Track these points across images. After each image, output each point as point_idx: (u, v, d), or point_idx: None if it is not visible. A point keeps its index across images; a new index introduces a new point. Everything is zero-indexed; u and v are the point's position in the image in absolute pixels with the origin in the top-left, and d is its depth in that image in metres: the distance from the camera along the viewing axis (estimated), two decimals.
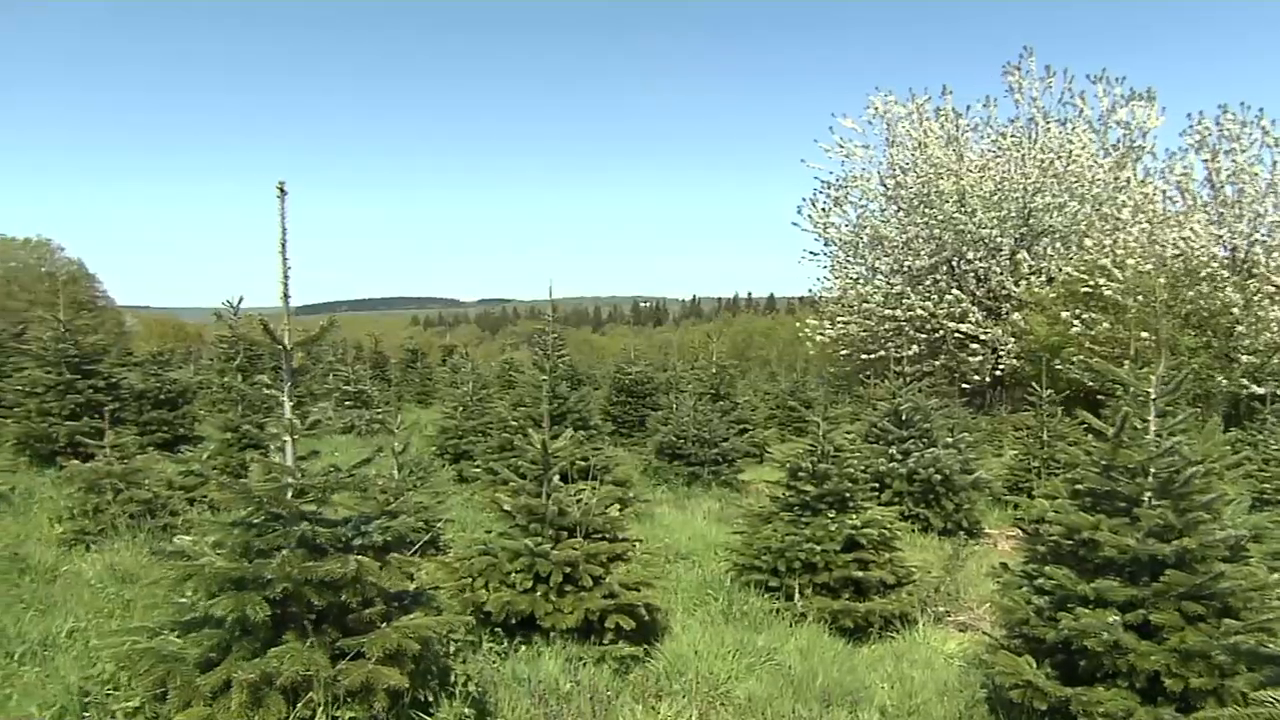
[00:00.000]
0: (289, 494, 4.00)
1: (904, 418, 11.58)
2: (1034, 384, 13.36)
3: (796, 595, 6.97)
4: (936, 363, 24.81)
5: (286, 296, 3.92)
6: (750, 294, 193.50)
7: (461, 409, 13.25)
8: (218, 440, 9.90)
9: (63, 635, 4.70)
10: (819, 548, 6.99)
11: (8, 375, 13.04)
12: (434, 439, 13.31)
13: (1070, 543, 4.78)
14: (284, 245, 3.87)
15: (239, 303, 17.63)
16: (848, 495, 7.39)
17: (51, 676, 4.06)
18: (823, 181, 27.23)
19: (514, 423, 10.51)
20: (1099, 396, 12.53)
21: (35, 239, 56.47)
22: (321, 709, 3.57)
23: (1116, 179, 23.68)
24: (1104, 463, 4.83)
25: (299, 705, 3.62)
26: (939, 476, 10.67)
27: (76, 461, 8.43)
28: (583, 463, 9.12)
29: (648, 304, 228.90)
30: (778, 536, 7.24)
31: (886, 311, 25.04)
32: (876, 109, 26.02)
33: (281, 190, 3.82)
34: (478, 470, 11.02)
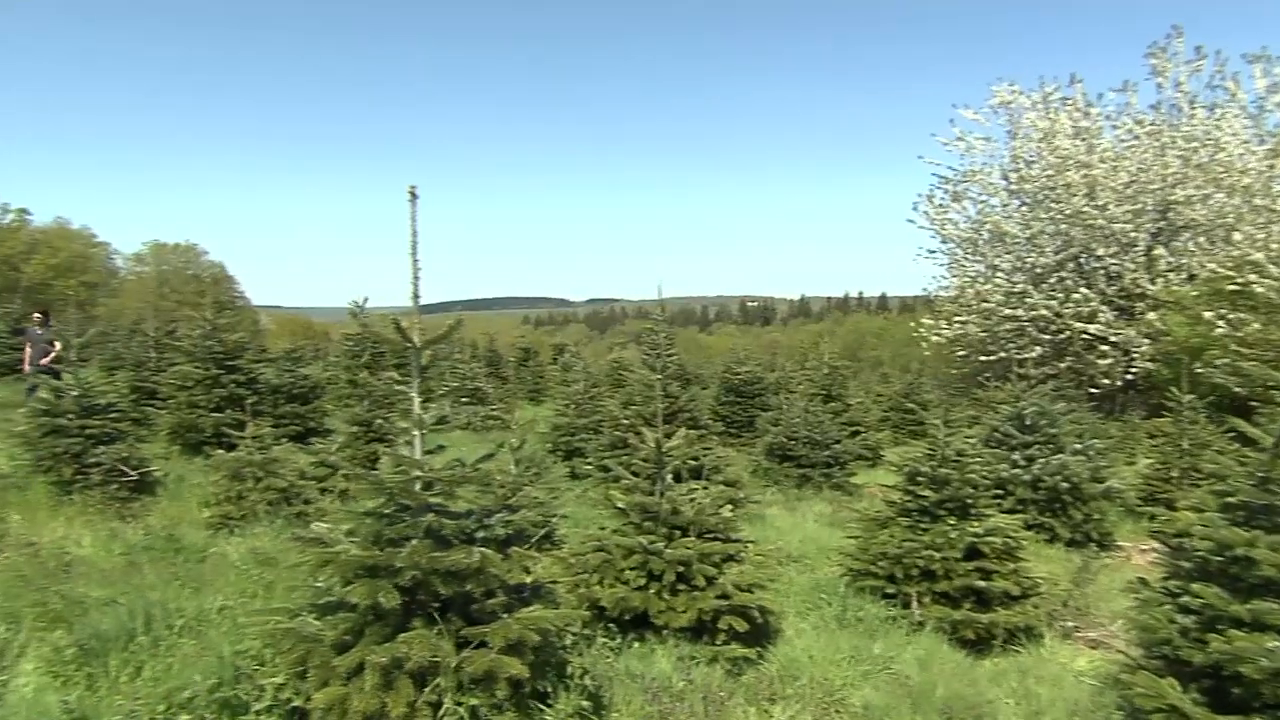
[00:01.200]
0: (417, 486, 4.17)
1: (1028, 422, 11.08)
2: (1171, 388, 12.52)
3: (914, 603, 6.76)
4: (1061, 365, 23.53)
5: (416, 297, 4.08)
6: (861, 293, 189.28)
7: (573, 407, 13.49)
8: (346, 433, 10.40)
9: (214, 612, 5.05)
10: (938, 555, 6.77)
11: (163, 370, 14.15)
12: (547, 436, 13.60)
13: (1220, 559, 4.45)
14: (414, 247, 4.03)
15: (364, 302, 18.52)
16: (969, 502, 7.13)
17: (207, 649, 4.36)
18: (940, 176, 26.34)
19: (625, 421, 10.63)
20: (1250, 403, 11.62)
21: (183, 244, 61.10)
22: (449, 694, 3.70)
23: (1271, 167, 21.86)
24: (1261, 474, 4.48)
25: (426, 690, 3.78)
26: (1066, 484, 10.15)
27: (222, 451, 9.04)
28: (693, 462, 9.12)
29: (755, 304, 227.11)
30: (894, 542, 7.06)
31: (1007, 311, 23.97)
32: (1000, 99, 24.95)
33: (412, 195, 3.98)
34: (590, 467, 11.20)
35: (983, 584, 6.67)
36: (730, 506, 6.57)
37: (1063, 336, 23.40)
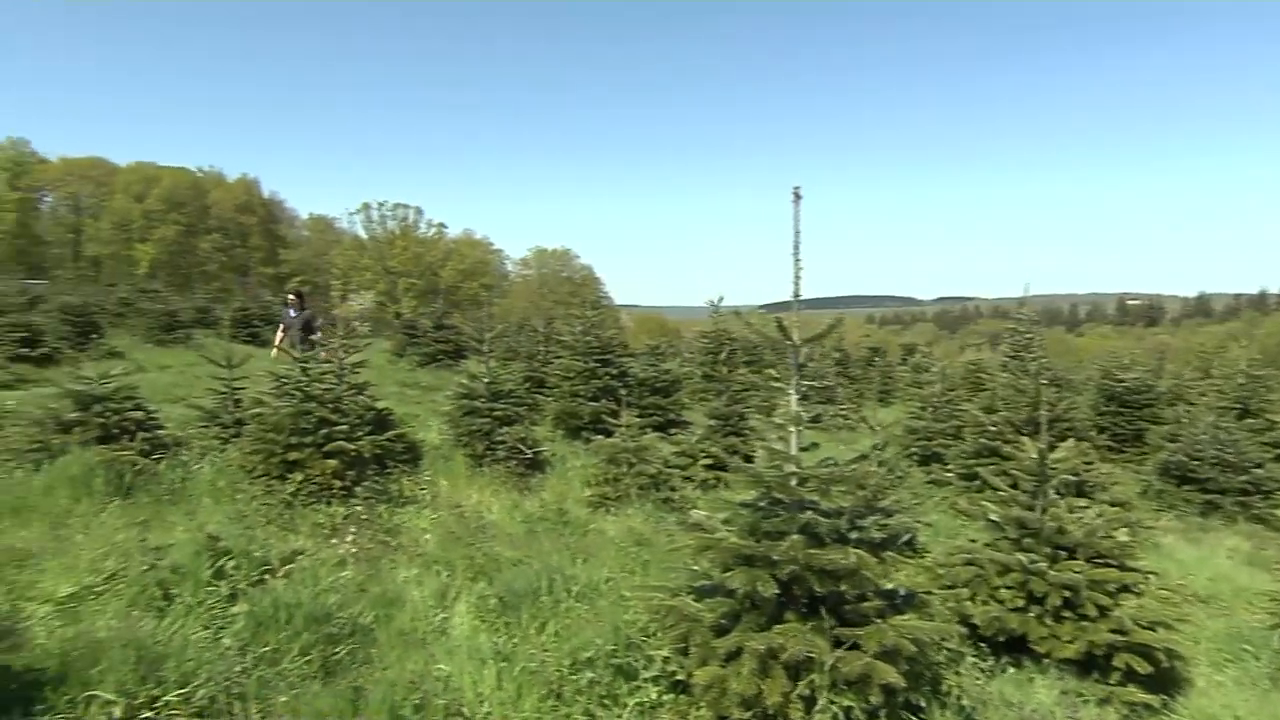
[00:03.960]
0: (793, 482, 4.25)
1: None
2: None
3: None
4: None
5: (798, 295, 4.15)
6: None
7: (929, 410, 12.85)
8: (704, 426, 10.94)
9: (602, 582, 5.60)
10: None
11: (550, 362, 16.02)
12: (901, 439, 13.11)
13: None
14: (797, 247, 4.11)
15: (720, 301, 19.36)
16: None
17: (598, 616, 4.85)
18: None
19: (992, 428, 9.88)
20: None
21: (559, 249, 68.79)
22: (823, 692, 3.73)
23: None
24: None
25: (800, 683, 3.83)
26: None
27: (599, 437, 10.00)
28: (1073, 477, 8.23)
29: (1137, 301, 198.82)
30: None
31: None
32: None
33: (796, 196, 4.05)
34: (949, 474, 10.61)
35: None
36: (1125, 530, 5.84)
37: None
